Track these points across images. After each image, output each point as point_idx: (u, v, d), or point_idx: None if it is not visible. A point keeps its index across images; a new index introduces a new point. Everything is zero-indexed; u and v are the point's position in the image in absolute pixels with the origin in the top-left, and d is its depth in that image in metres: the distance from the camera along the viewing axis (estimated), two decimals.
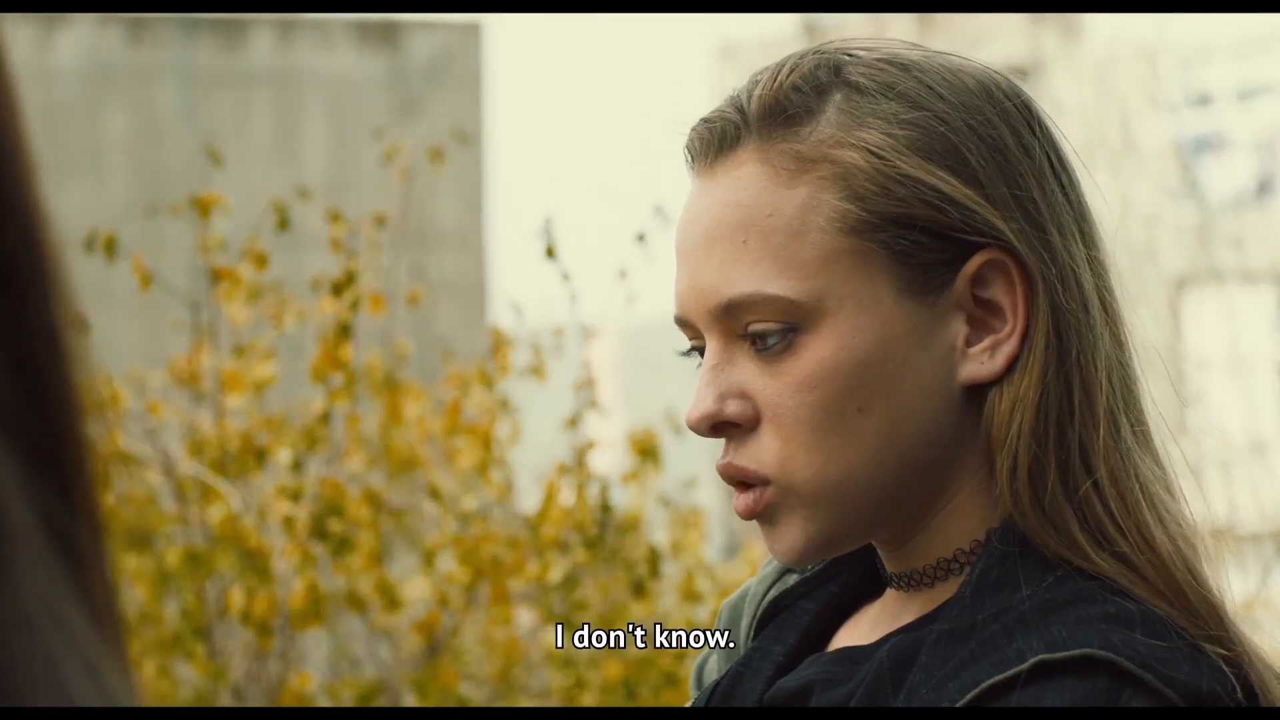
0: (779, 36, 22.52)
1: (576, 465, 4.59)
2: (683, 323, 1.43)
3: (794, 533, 1.38)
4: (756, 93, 1.40)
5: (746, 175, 1.39)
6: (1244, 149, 21.61)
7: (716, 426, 1.39)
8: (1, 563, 0.61)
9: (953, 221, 1.37)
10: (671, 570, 5.37)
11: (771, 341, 1.37)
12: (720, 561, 6.48)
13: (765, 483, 1.38)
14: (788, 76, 1.40)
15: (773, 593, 1.54)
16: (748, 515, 1.39)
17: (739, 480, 1.39)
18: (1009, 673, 1.28)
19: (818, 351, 1.36)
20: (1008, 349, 1.37)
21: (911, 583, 1.42)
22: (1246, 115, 21.59)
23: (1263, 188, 21.52)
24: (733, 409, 1.39)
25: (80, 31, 11.12)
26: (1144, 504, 1.36)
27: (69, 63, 10.97)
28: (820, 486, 1.37)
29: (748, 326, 1.38)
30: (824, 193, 1.37)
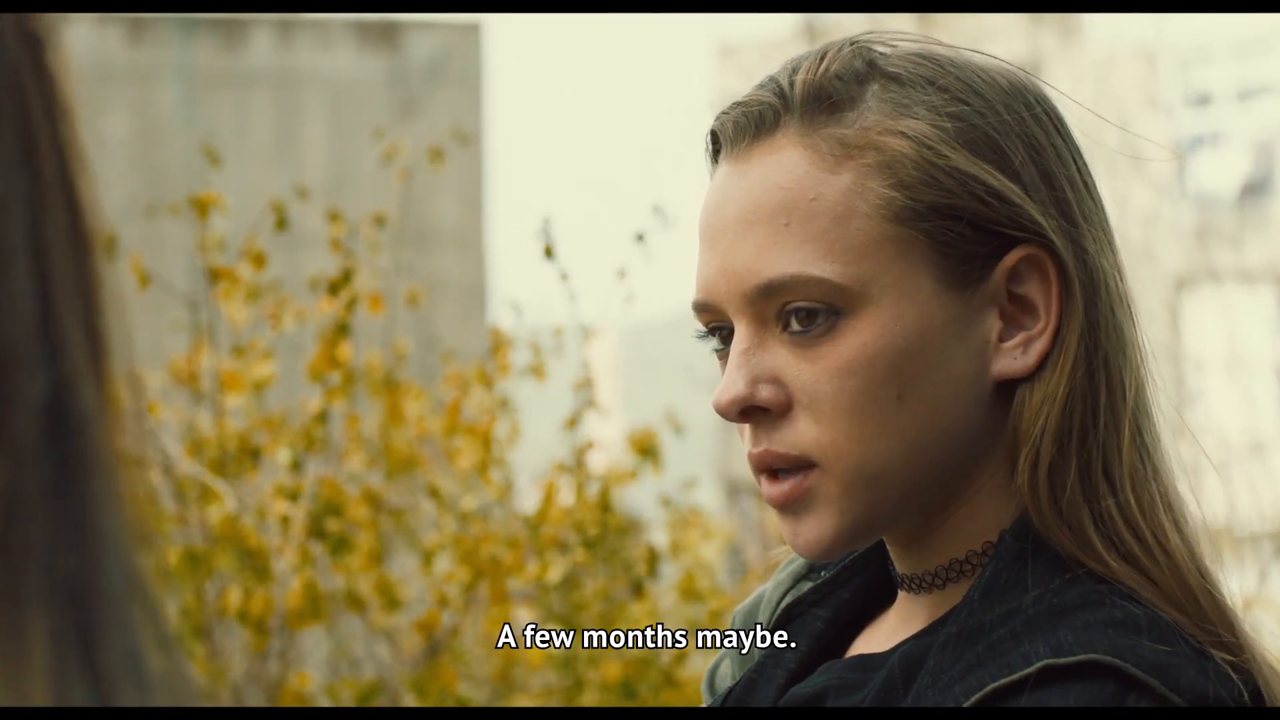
0: (779, 36, 22.52)
1: (576, 465, 4.59)
2: (704, 307, 1.42)
3: (823, 524, 1.37)
4: (800, 78, 1.39)
5: (788, 159, 1.38)
6: (1243, 149, 21.61)
7: (745, 411, 1.38)
8: (86, 494, 0.65)
9: (997, 215, 1.37)
10: (671, 570, 5.37)
11: (812, 327, 1.36)
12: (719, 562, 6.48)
13: (805, 467, 1.37)
14: (828, 66, 1.40)
15: (787, 599, 1.53)
16: (783, 502, 1.38)
17: (773, 468, 1.38)
18: (1014, 676, 1.28)
19: (859, 337, 1.36)
20: (1040, 346, 1.37)
21: (923, 585, 1.41)
22: (1245, 115, 21.59)
23: (1261, 188, 21.52)
24: (765, 394, 1.38)
25: (80, 31, 11.12)
26: (1160, 506, 1.36)
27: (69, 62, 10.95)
28: (859, 475, 1.36)
29: (785, 306, 1.37)
30: (869, 179, 1.37)
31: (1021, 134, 1.39)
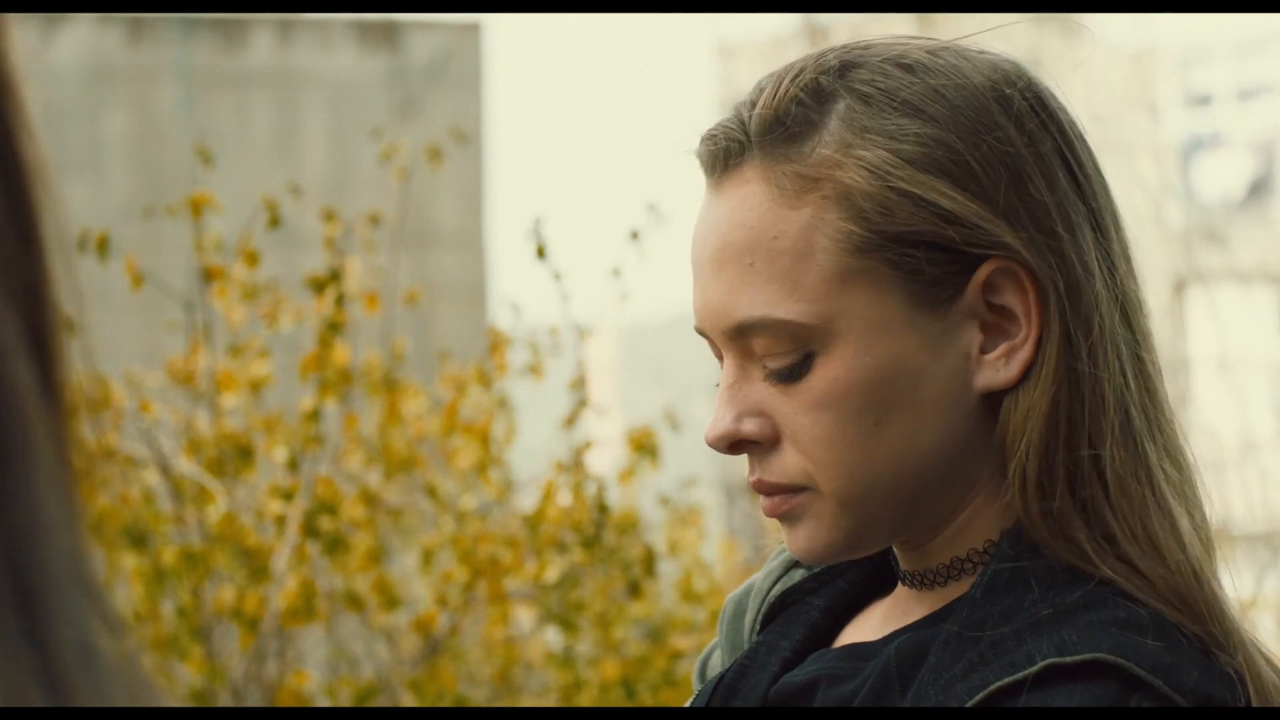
0: (779, 36, 22.51)
1: (574, 465, 4.59)
2: (701, 333, 1.43)
3: (816, 535, 1.39)
4: (757, 110, 1.39)
5: (751, 195, 1.38)
6: (1242, 149, 21.60)
7: (735, 444, 1.40)
8: (20, 475, 0.61)
9: (958, 236, 1.36)
10: (670, 569, 5.37)
11: (785, 366, 1.37)
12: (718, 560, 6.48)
13: (796, 490, 1.38)
14: (787, 90, 1.39)
15: (779, 587, 1.53)
16: (772, 514, 1.40)
17: (769, 493, 1.40)
18: (1017, 675, 1.28)
19: (830, 371, 1.36)
20: (1023, 355, 1.36)
21: (924, 581, 1.42)
22: (1245, 115, 21.58)
23: (1260, 188, 21.51)
24: (750, 427, 1.39)
25: (80, 31, 11.12)
26: (1151, 510, 1.35)
27: (69, 62, 10.97)
28: (847, 497, 1.37)
29: (761, 349, 1.38)
30: (827, 213, 1.36)
31: (991, 140, 1.37)
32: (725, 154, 1.40)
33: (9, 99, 0.66)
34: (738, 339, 1.39)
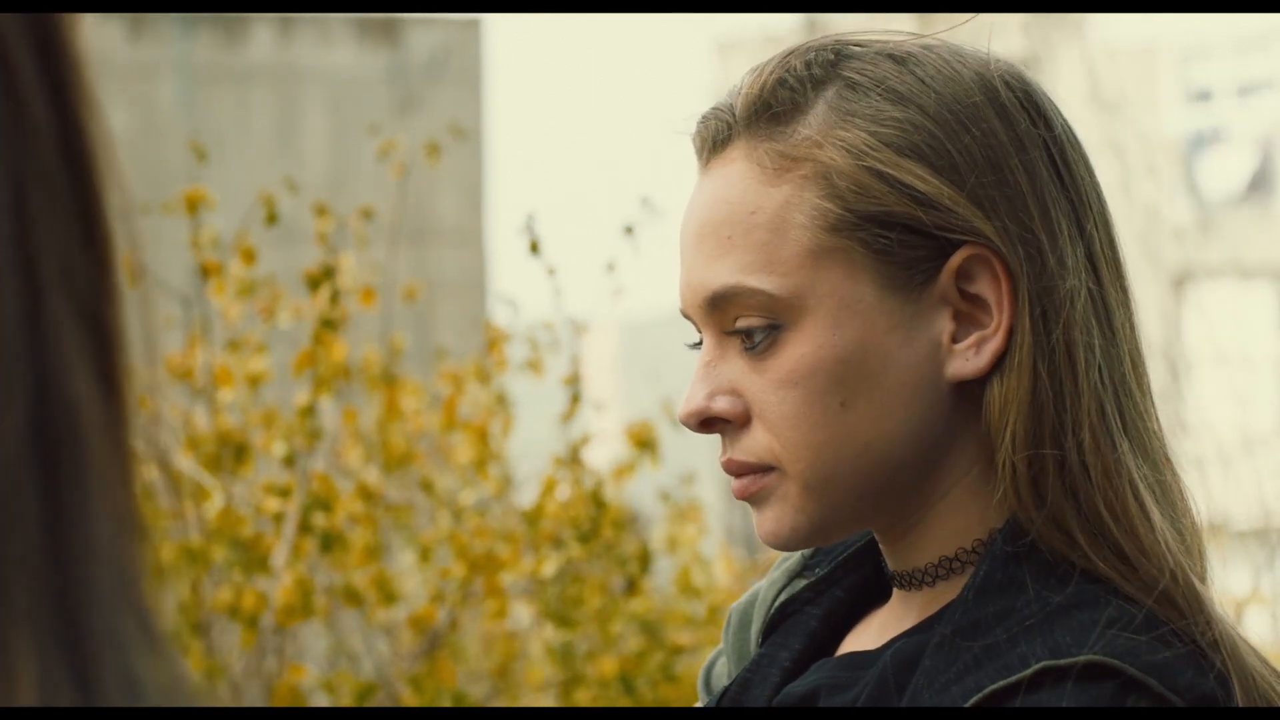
0: (778, 33, 22.52)
1: (571, 460, 4.60)
2: (685, 316, 1.44)
3: (782, 518, 1.39)
4: (744, 90, 1.41)
5: (734, 173, 1.39)
6: (1243, 145, 21.61)
7: (706, 422, 1.40)
8: (76, 499, 0.59)
9: (932, 220, 1.36)
10: (669, 565, 5.38)
11: (757, 339, 1.38)
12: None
13: (764, 470, 1.39)
14: (773, 73, 1.40)
15: (782, 597, 1.53)
16: (741, 496, 1.40)
17: (737, 473, 1.40)
18: (1012, 679, 1.27)
19: (798, 348, 1.37)
20: (993, 346, 1.36)
21: (914, 582, 1.41)
22: (1246, 111, 21.59)
23: (1260, 184, 21.52)
24: (721, 405, 1.39)
25: (80, 28, 11.11)
26: (1132, 506, 1.34)
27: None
28: (812, 479, 1.37)
29: (735, 321, 1.39)
30: (805, 191, 1.37)
31: (973, 131, 1.37)
32: (715, 135, 1.42)
33: (83, 103, 0.64)
34: (713, 312, 1.40)
